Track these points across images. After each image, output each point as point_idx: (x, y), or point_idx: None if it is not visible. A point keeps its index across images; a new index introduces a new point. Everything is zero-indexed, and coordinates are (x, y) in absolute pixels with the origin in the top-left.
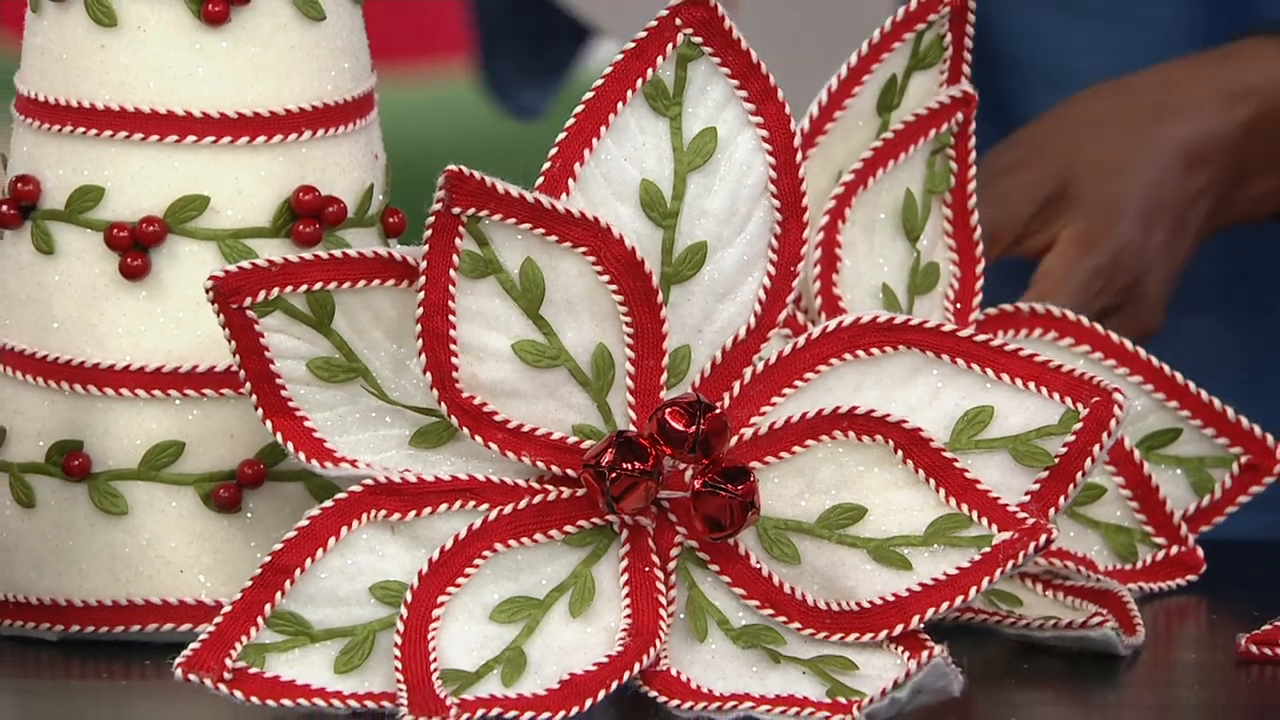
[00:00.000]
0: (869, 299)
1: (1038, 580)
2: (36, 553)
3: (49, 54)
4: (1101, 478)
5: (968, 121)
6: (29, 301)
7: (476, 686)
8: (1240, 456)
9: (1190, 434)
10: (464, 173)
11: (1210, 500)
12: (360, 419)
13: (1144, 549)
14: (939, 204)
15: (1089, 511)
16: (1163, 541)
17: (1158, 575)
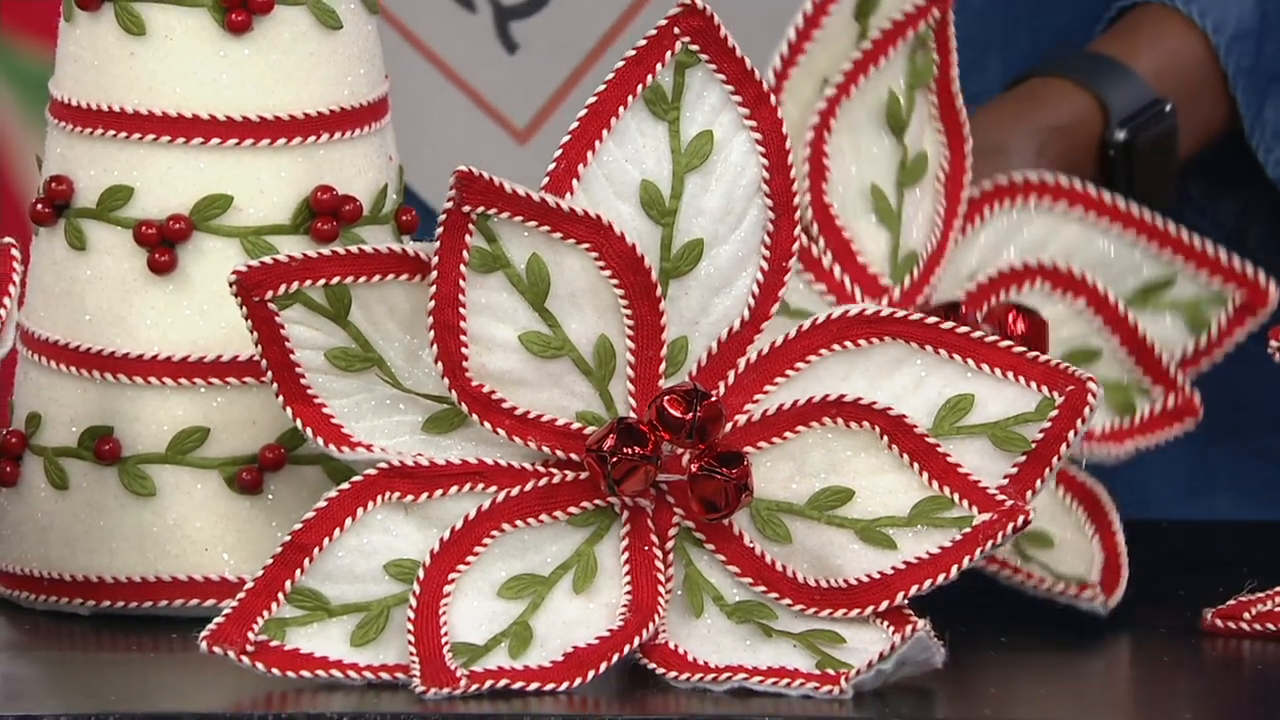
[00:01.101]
0: (859, 200)
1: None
2: (69, 532)
3: (81, 61)
4: (1097, 339)
5: (945, 16)
6: (62, 295)
7: (485, 659)
8: (1234, 295)
9: (1184, 279)
10: (474, 173)
11: (1207, 339)
12: (375, 406)
13: (1142, 402)
14: (924, 94)
15: (1094, 371)
16: (1159, 391)
17: (1157, 427)
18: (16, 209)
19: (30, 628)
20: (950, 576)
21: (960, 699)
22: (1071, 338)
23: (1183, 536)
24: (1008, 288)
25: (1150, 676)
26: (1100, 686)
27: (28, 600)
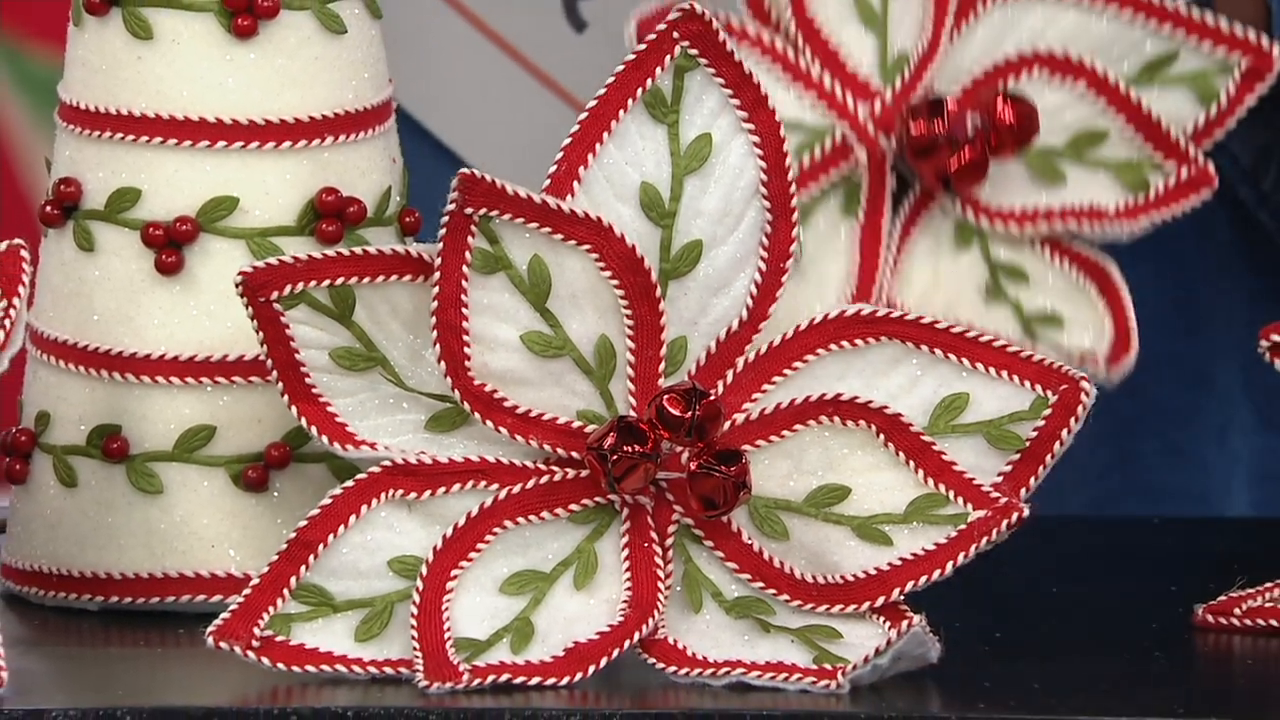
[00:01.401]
0: (843, 8)
1: (1045, 243)
2: (78, 529)
3: (89, 65)
4: (1103, 120)
5: None
6: (71, 295)
7: (487, 654)
8: (1240, 61)
9: (1187, 52)
10: (476, 175)
11: (1217, 109)
12: (379, 405)
13: (1155, 177)
14: None
15: (1096, 154)
16: (1172, 165)
17: (1173, 200)
18: (26, 211)
19: (39, 623)
20: (945, 573)
21: (955, 693)
22: (1076, 121)
23: (1174, 533)
24: (1005, 79)
25: (1142, 671)
26: (1093, 681)
27: (37, 596)
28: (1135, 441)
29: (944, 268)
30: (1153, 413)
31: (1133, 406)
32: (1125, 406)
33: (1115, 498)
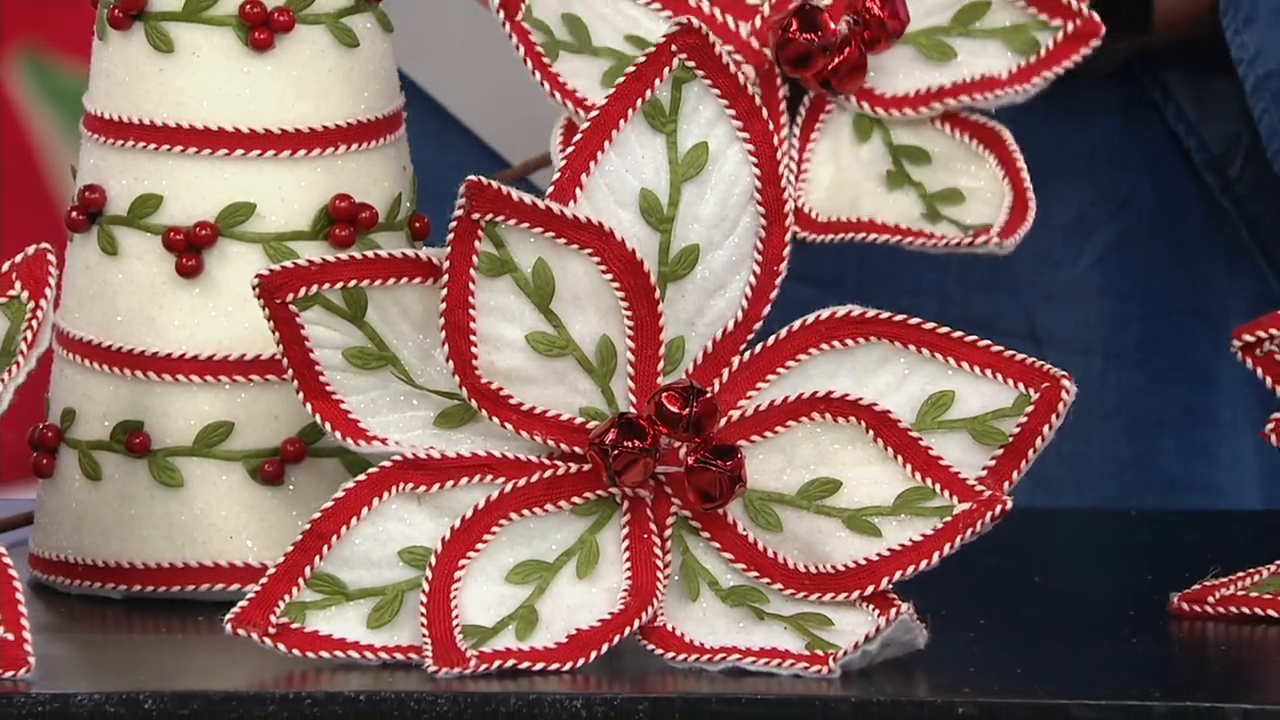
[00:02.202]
0: None
1: (943, 119)
2: (103, 521)
3: (113, 77)
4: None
5: None
6: (95, 297)
7: (494, 640)
8: None
9: None
10: (483, 182)
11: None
12: (390, 402)
13: (1043, 36)
14: None
15: (982, 24)
16: (1058, 21)
17: (1063, 55)
18: (53, 216)
19: (66, 611)
20: (932, 562)
21: (941, 678)
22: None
23: (1150, 525)
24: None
25: (1120, 656)
26: (1072, 665)
27: (63, 585)
28: (1154, 438)
29: (845, 163)
30: (1173, 409)
31: (1152, 404)
32: (1145, 404)
33: (1135, 491)
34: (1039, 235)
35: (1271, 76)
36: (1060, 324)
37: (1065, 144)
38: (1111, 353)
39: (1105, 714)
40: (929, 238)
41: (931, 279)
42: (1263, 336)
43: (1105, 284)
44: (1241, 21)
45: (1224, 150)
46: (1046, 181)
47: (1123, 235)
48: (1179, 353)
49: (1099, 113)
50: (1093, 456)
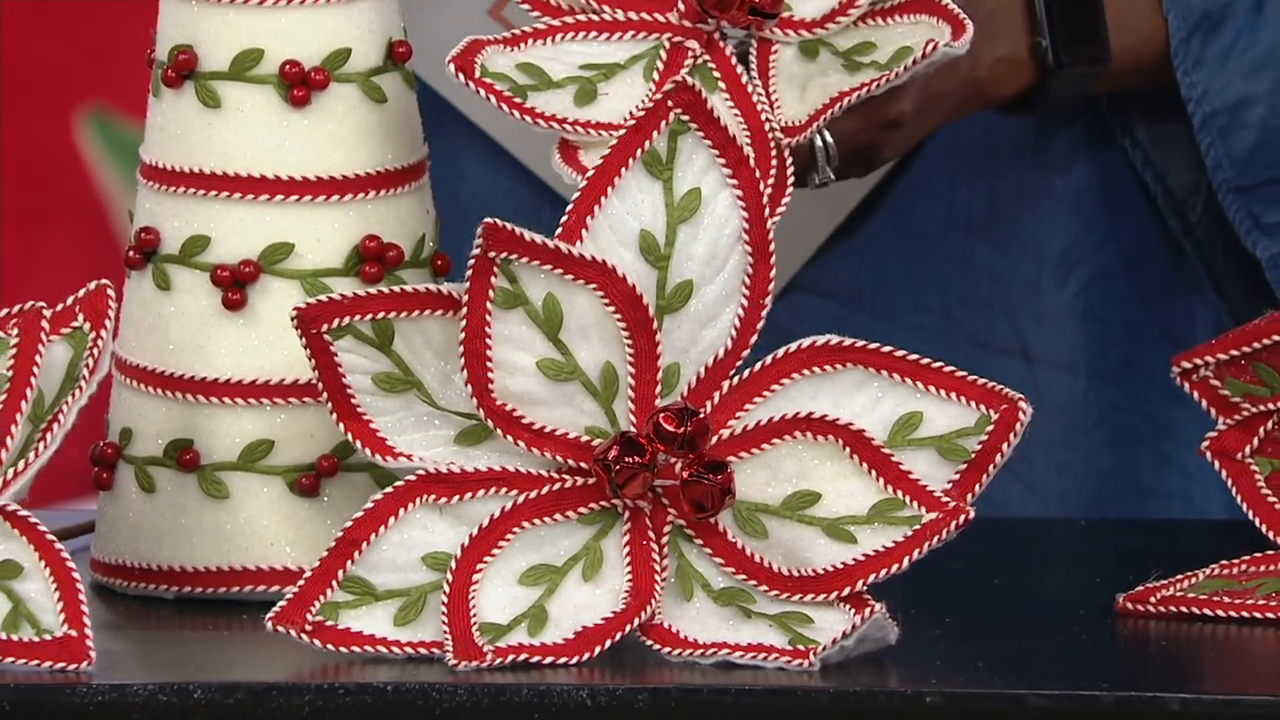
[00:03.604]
0: None
1: (873, 15)
2: (156, 529)
3: (167, 130)
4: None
5: None
6: (150, 328)
7: (508, 636)
8: None
9: None
10: (498, 224)
11: None
12: (415, 422)
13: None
14: None
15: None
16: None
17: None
18: (114, 255)
19: (123, 610)
20: (903, 567)
21: (910, 671)
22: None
23: (1098, 533)
24: None
25: (1071, 651)
26: (1029, 659)
27: (121, 586)
28: (1131, 450)
29: (806, 77)
30: (1147, 425)
31: (1129, 420)
32: (1123, 420)
33: (1114, 498)
34: (1030, 266)
35: (1216, 114)
36: (1048, 345)
37: (1054, 187)
38: (1093, 371)
39: (1058, 703)
40: (891, 76)
41: (938, 300)
42: (1199, 363)
43: (1088, 310)
44: (1191, 64)
45: (1185, 197)
46: (1038, 220)
47: (1104, 268)
48: (1152, 374)
49: (1085, 160)
50: (1077, 466)
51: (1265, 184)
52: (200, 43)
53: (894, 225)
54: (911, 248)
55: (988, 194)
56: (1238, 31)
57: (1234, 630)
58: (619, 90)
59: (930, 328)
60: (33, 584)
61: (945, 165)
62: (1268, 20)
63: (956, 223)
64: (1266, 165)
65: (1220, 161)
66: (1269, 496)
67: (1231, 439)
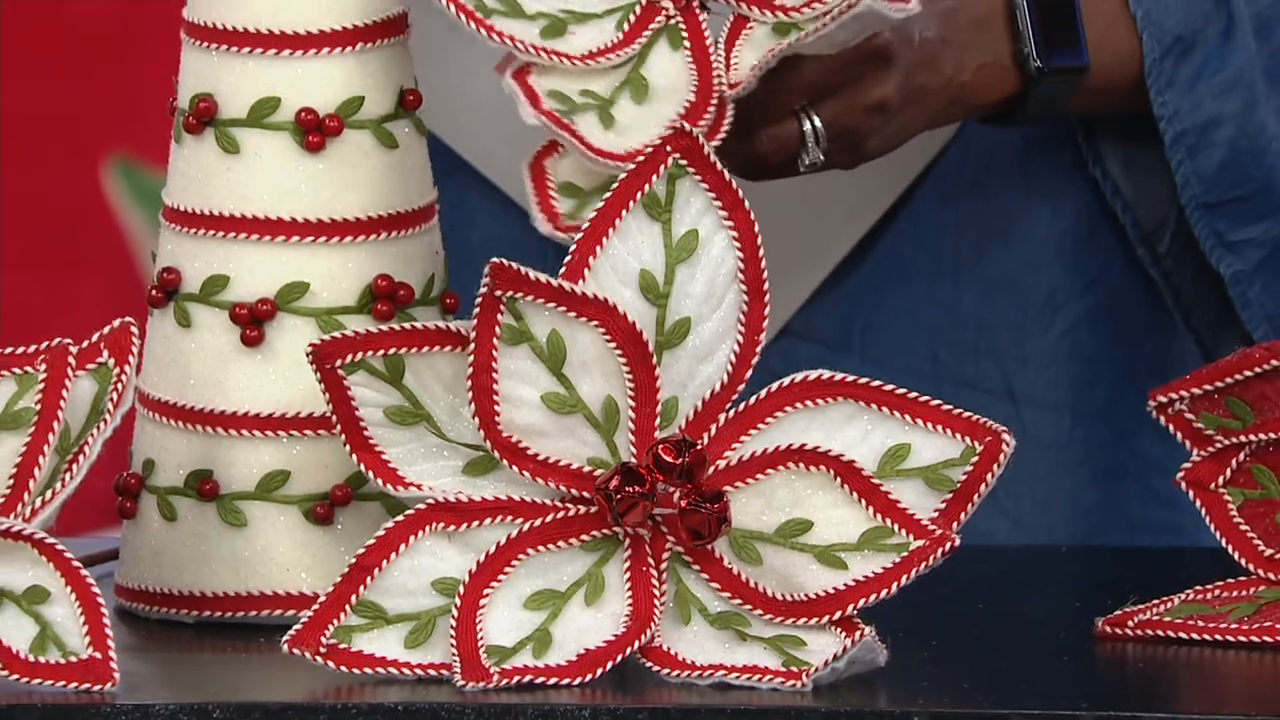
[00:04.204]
0: None
1: None
2: (177, 556)
3: (188, 175)
4: None
5: None
6: (172, 364)
7: (513, 658)
8: None
9: None
10: (505, 264)
11: None
12: (424, 453)
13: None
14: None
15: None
16: None
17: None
18: (138, 294)
19: (145, 633)
20: (892, 592)
21: (899, 690)
22: None
23: (1079, 560)
24: None
25: (1053, 672)
26: (1011, 680)
27: (143, 610)
28: (1118, 484)
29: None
30: (1134, 460)
31: (1116, 455)
32: (1109, 456)
33: (1100, 531)
34: (1016, 310)
35: (1187, 133)
36: (1035, 385)
37: (1038, 233)
38: (1079, 410)
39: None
40: (819, 28)
41: (926, 345)
42: (1174, 398)
43: (1074, 351)
44: (1163, 84)
45: (1154, 228)
46: (1022, 266)
47: (1089, 310)
48: (1138, 411)
49: (1070, 207)
50: (1063, 501)
51: (1230, 202)
52: (220, 91)
53: (883, 273)
54: (899, 295)
55: (974, 242)
56: (1207, 55)
57: (1208, 653)
58: (587, 34)
59: (918, 371)
60: (59, 608)
61: (933, 216)
62: (1236, 46)
63: (943, 270)
64: (1232, 184)
65: (1189, 179)
66: (1241, 525)
67: (1205, 470)
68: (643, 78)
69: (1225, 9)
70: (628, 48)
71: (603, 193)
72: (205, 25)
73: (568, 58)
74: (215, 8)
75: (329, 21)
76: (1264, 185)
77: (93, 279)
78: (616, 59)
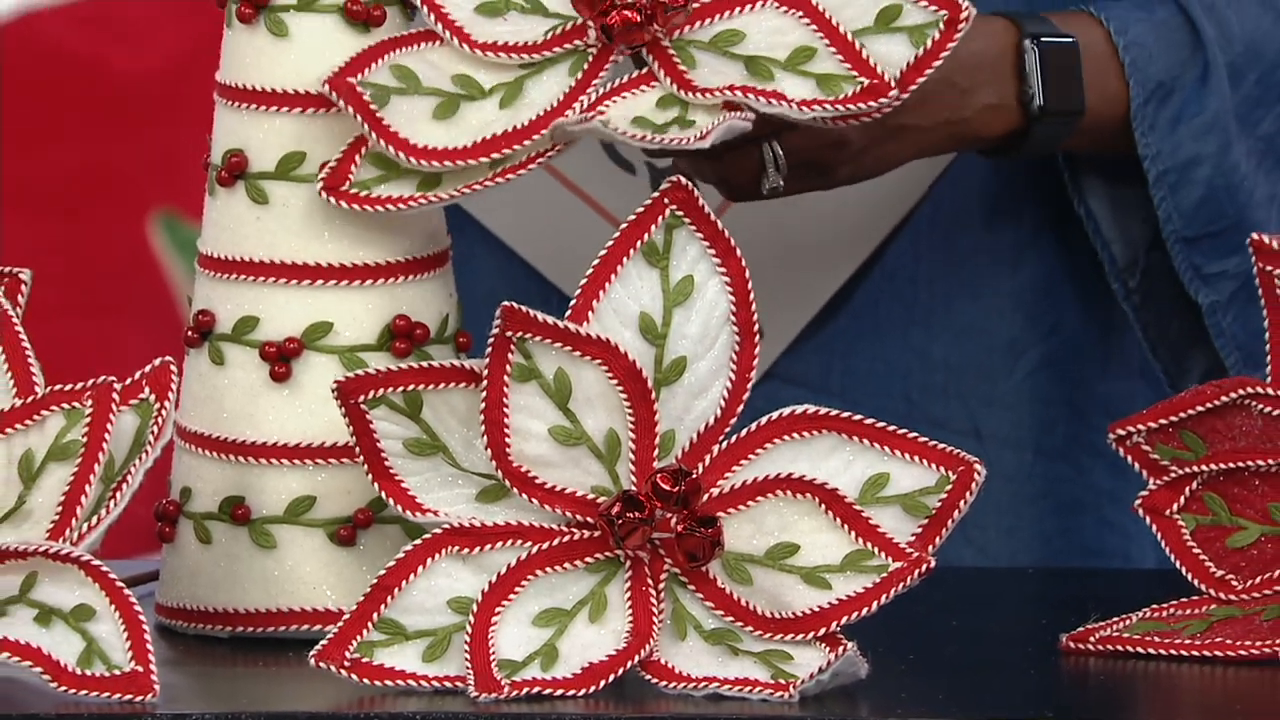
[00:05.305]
0: None
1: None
2: (212, 576)
3: (220, 224)
4: (814, 41)
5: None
6: (206, 399)
7: (523, 671)
8: (943, 16)
9: (909, 8)
10: (516, 307)
11: (924, 51)
12: (441, 481)
13: (848, 86)
14: None
15: (808, 67)
16: (864, 79)
17: (853, 100)
18: (176, 336)
19: (183, 648)
20: (872, 610)
21: (878, 701)
22: (795, 40)
23: (1045, 581)
24: (742, 5)
25: (1021, 684)
26: (982, 691)
27: (181, 627)
28: (1075, 516)
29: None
30: (1090, 494)
31: (1073, 489)
32: (1068, 489)
33: (1060, 558)
34: (982, 355)
35: (1168, 172)
36: (999, 424)
37: (1002, 287)
38: (1040, 447)
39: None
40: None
41: (900, 387)
42: (1132, 431)
43: (1034, 393)
44: (1147, 126)
45: (1127, 265)
46: (989, 314)
47: (1049, 355)
48: (1094, 447)
49: (1030, 261)
50: (1025, 531)
51: (1206, 237)
52: (250, 147)
53: (860, 323)
54: (875, 342)
55: (945, 294)
56: (1186, 99)
57: (1164, 666)
58: (508, 26)
59: (892, 411)
60: (104, 625)
61: (906, 271)
62: (1212, 90)
63: (916, 319)
64: (1208, 220)
65: (1170, 214)
66: (1194, 548)
67: (1161, 498)
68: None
69: (1202, 56)
70: (540, 53)
71: (413, 179)
72: (236, 86)
73: (470, 42)
74: (245, 71)
75: None
76: (1236, 221)
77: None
78: (520, 59)
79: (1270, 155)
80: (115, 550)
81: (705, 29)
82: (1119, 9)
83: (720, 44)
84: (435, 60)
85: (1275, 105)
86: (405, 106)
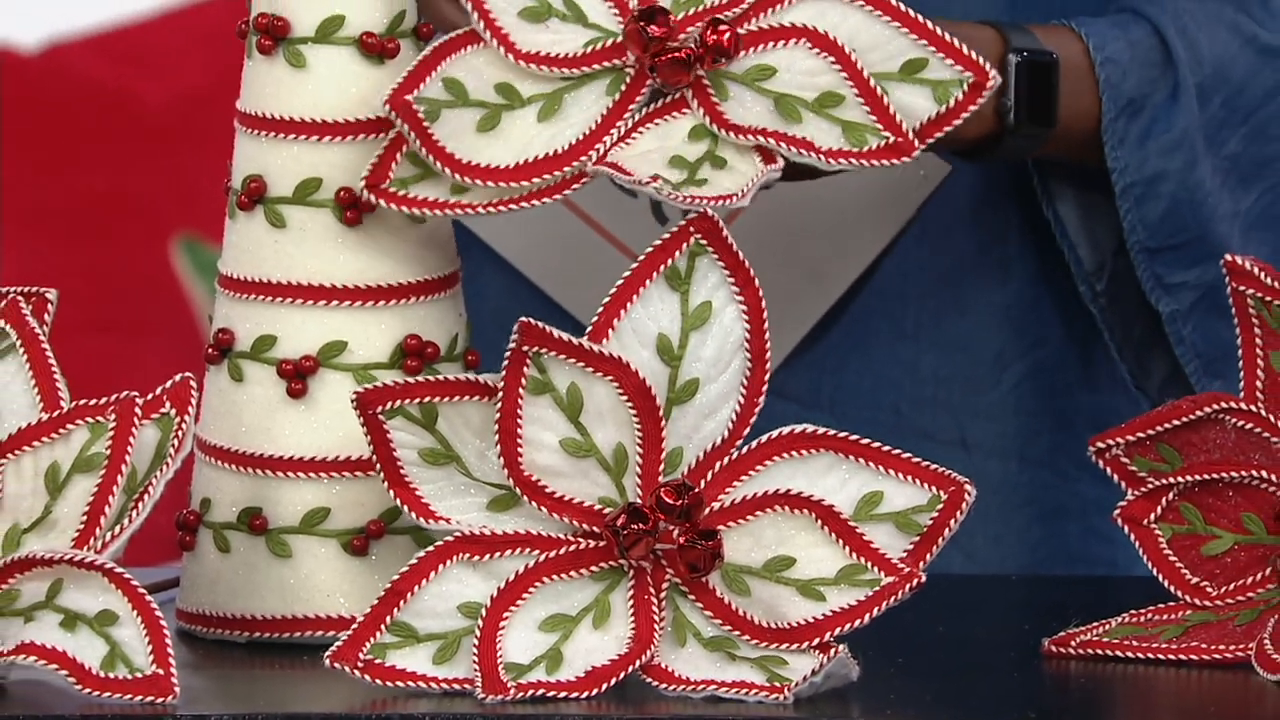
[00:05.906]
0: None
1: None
2: (231, 584)
3: (240, 247)
4: (843, 88)
5: None
6: (225, 414)
7: (529, 674)
8: (968, 78)
9: (935, 62)
10: (532, 323)
11: (946, 109)
12: (454, 490)
13: (872, 138)
14: None
15: (836, 112)
16: (889, 135)
17: (878, 155)
18: (197, 353)
19: (203, 652)
20: (865, 622)
21: (869, 704)
22: (825, 84)
23: (1026, 587)
24: (776, 41)
25: (1005, 686)
26: (968, 694)
27: (201, 632)
28: (1060, 523)
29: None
30: (1075, 501)
31: (1058, 497)
32: (1052, 497)
33: (1045, 565)
34: (969, 367)
35: (1135, 185)
36: (985, 435)
37: (990, 302)
38: (1025, 458)
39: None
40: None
41: (889, 400)
42: (1111, 444)
43: (1019, 404)
44: (1116, 140)
45: (1094, 269)
46: (975, 329)
47: (1034, 367)
48: (1077, 457)
49: (1015, 280)
50: (1011, 538)
51: (1169, 249)
52: (269, 173)
53: (851, 339)
54: (865, 357)
55: (934, 310)
56: (1154, 116)
57: (1142, 669)
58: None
59: (882, 424)
60: (127, 630)
61: (896, 288)
62: (1180, 109)
63: (905, 334)
64: (1171, 232)
65: (1135, 225)
66: (1170, 556)
67: (1138, 508)
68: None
69: (1173, 75)
70: (579, 68)
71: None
72: (256, 115)
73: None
74: (265, 99)
75: (363, 112)
76: (1199, 235)
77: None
78: (559, 73)
79: (1234, 174)
80: (138, 558)
81: (740, 62)
82: (1098, 25)
83: (752, 78)
84: (479, 66)
85: (1240, 127)
86: (453, 119)
